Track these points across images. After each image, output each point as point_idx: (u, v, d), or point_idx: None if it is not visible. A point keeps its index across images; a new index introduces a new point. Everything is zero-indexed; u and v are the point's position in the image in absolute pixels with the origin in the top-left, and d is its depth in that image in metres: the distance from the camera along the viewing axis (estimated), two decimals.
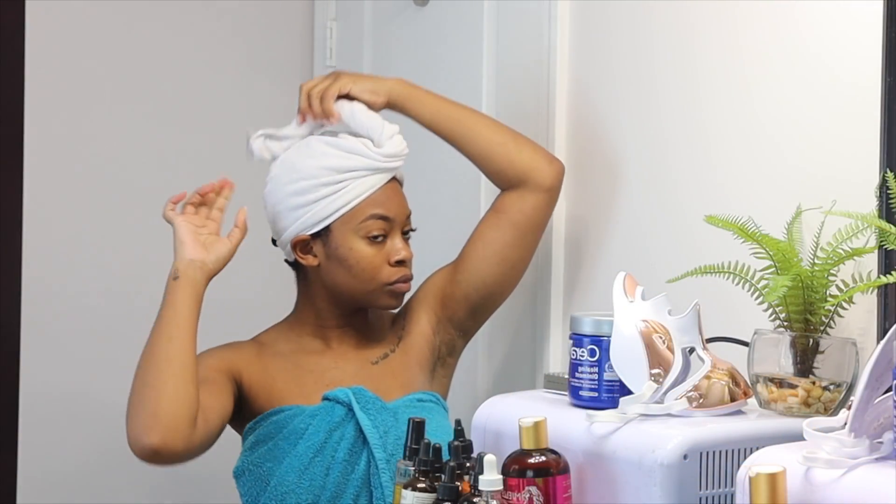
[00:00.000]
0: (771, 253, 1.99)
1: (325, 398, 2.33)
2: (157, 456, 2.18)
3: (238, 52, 3.31)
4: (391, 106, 2.43)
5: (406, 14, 3.01)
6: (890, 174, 1.95)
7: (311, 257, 2.38)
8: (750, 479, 1.54)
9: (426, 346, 2.46)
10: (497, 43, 2.77)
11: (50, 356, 3.08)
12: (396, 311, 2.47)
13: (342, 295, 2.39)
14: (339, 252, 2.35)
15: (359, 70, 3.18)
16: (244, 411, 2.36)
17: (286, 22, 3.35)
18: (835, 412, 1.89)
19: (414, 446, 2.00)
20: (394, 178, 2.40)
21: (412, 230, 2.42)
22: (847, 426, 1.59)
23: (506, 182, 2.44)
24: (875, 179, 2.00)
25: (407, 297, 2.46)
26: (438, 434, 2.16)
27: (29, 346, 3.07)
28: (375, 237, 2.35)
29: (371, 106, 2.40)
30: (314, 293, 2.41)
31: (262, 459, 2.31)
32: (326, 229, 2.35)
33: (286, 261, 2.45)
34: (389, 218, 2.36)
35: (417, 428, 2.03)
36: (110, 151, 3.17)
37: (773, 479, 1.53)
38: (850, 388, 1.91)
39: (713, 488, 1.80)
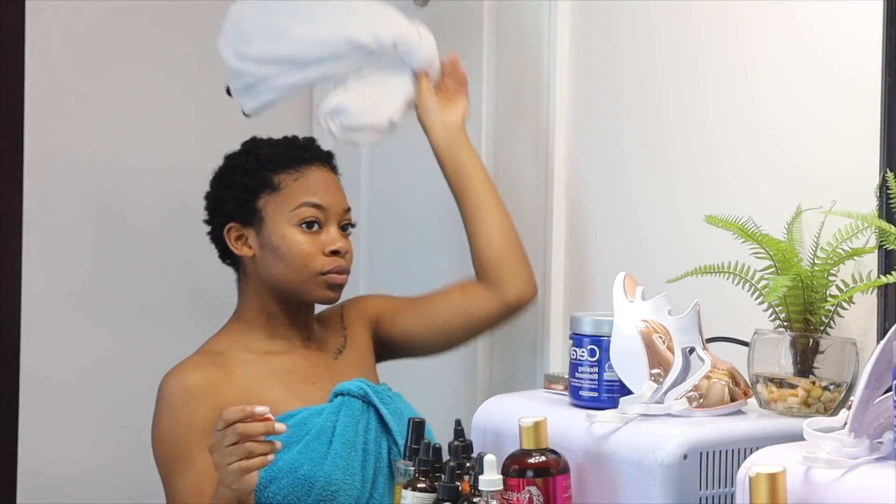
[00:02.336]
0: (771, 253, 1.99)
1: (339, 393, 2.32)
2: None
3: None
4: (450, 137, 2.49)
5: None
6: (890, 174, 1.95)
7: (247, 248, 2.36)
8: (750, 479, 1.54)
9: (368, 345, 2.49)
10: (497, 43, 2.77)
11: (50, 356, 3.08)
12: (332, 305, 2.46)
13: (278, 286, 2.36)
14: (273, 241, 2.34)
15: None
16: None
17: None
18: (835, 412, 1.89)
19: (414, 446, 2.00)
20: (329, 170, 2.41)
21: (352, 225, 2.41)
22: (847, 426, 1.59)
23: (482, 270, 2.46)
24: (875, 179, 2.00)
25: (364, 292, 2.47)
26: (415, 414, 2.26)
27: (29, 345, 3.06)
28: (309, 224, 2.34)
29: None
30: (258, 291, 2.38)
31: (295, 464, 2.25)
32: (260, 218, 2.34)
33: (221, 258, 2.45)
34: (322, 206, 2.35)
35: (417, 428, 2.03)
36: (110, 152, 3.16)
37: (773, 479, 1.53)
38: (850, 388, 1.91)
39: (713, 488, 1.80)
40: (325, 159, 2.42)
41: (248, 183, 2.37)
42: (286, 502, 2.25)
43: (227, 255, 2.43)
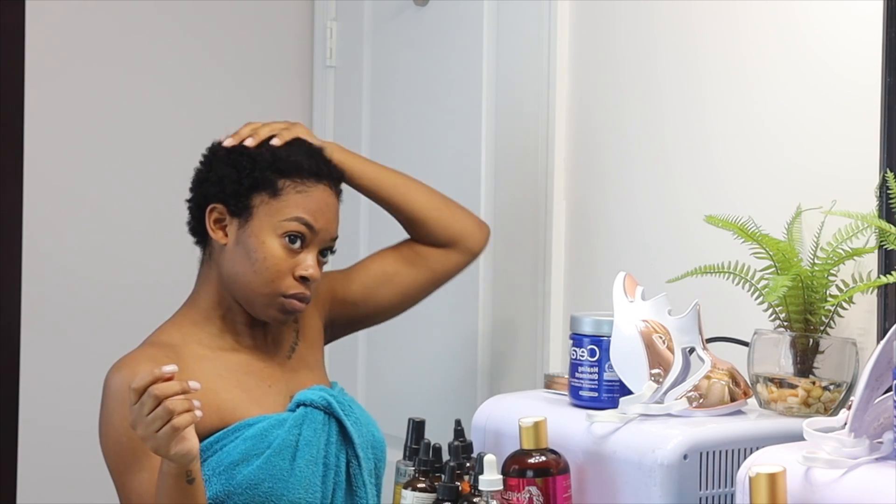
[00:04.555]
0: (771, 253, 1.99)
1: (301, 404, 2.21)
2: None
3: (238, 52, 3.31)
4: None
5: (406, 14, 3.01)
6: (890, 174, 1.95)
7: (222, 234, 2.23)
8: (750, 479, 1.54)
9: (319, 333, 2.38)
10: (497, 43, 2.77)
11: (50, 356, 3.08)
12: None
13: (236, 286, 2.21)
14: (251, 242, 2.20)
15: (359, 71, 3.18)
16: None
17: (286, 22, 3.35)
18: (835, 412, 1.89)
19: (414, 446, 2.00)
20: (334, 194, 2.27)
21: (332, 252, 2.27)
22: (847, 426, 1.59)
23: (435, 243, 2.45)
24: (875, 179, 2.00)
25: None
26: (377, 425, 2.22)
27: (29, 345, 3.06)
28: (293, 239, 2.20)
29: None
30: (220, 280, 2.26)
31: (256, 479, 2.14)
32: (249, 213, 2.21)
33: (191, 231, 2.30)
34: (313, 227, 2.20)
35: (417, 428, 2.03)
36: (110, 151, 3.17)
37: (773, 479, 1.53)
38: (850, 388, 1.91)
39: (713, 488, 1.80)
40: (335, 182, 2.28)
41: (251, 175, 2.23)
42: None
43: (198, 231, 2.29)
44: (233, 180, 2.23)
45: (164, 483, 1.98)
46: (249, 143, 2.26)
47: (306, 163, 2.23)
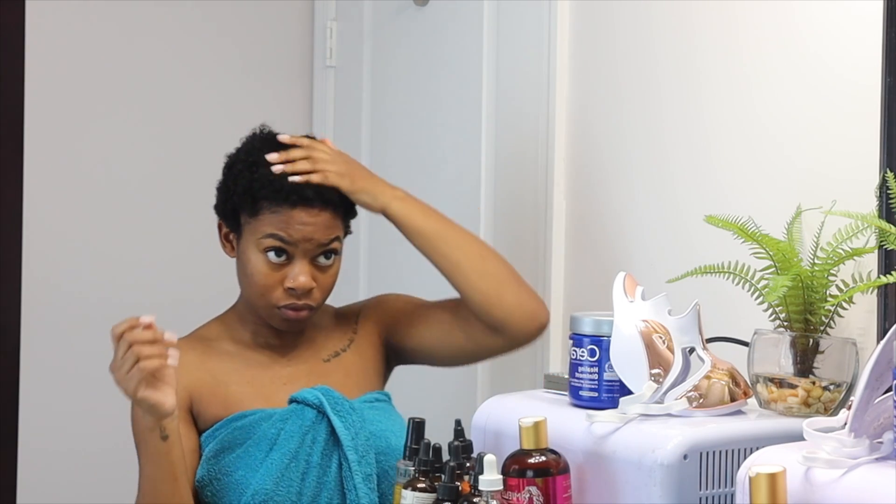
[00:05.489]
0: (771, 253, 1.99)
1: (294, 400, 2.26)
2: None
3: (238, 52, 3.31)
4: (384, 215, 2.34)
5: (406, 14, 3.01)
6: (890, 174, 1.95)
7: (230, 248, 2.32)
8: (750, 479, 1.54)
9: (377, 349, 2.41)
10: (497, 43, 2.77)
11: (50, 356, 3.08)
12: (354, 303, 2.43)
13: (244, 296, 2.33)
14: (243, 257, 2.28)
15: (359, 71, 3.18)
16: (199, 420, 2.27)
17: (286, 22, 3.35)
18: (835, 412, 1.89)
19: (414, 446, 2.00)
20: (315, 209, 2.25)
21: (335, 254, 2.29)
22: (847, 426, 1.59)
23: (480, 321, 2.31)
24: (875, 179, 2.00)
25: (364, 294, 2.41)
26: (400, 434, 2.18)
27: (29, 345, 3.07)
28: (278, 253, 2.24)
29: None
30: None
31: (232, 468, 2.23)
32: (239, 230, 2.28)
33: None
34: (289, 242, 2.24)
35: (417, 428, 2.02)
36: (110, 151, 3.17)
37: (773, 479, 1.53)
38: (850, 388, 1.91)
39: (713, 488, 1.80)
40: (313, 202, 2.26)
41: (236, 195, 2.28)
42: (224, 501, 2.23)
43: None
44: (223, 200, 2.32)
45: (142, 439, 2.14)
46: (300, 168, 2.25)
47: (284, 188, 2.25)
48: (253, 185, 2.26)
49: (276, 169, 2.25)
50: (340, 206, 2.30)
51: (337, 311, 2.44)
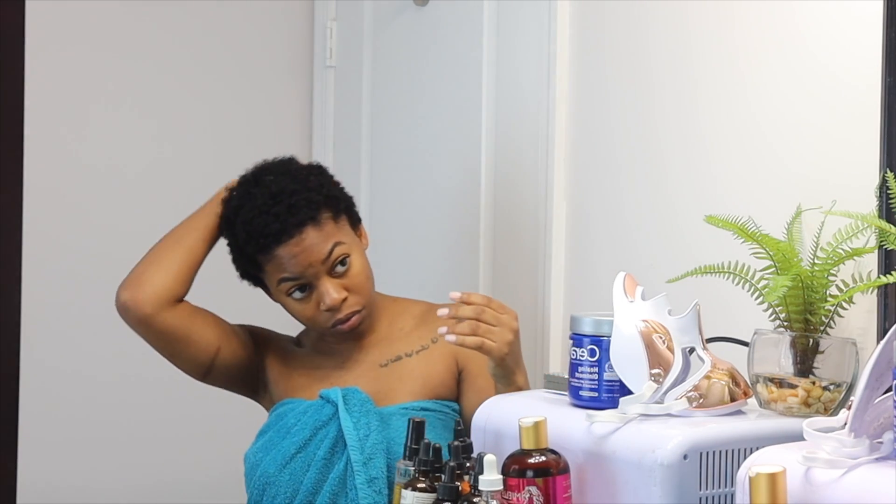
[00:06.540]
0: (771, 253, 1.99)
1: (320, 396, 2.35)
2: (125, 312, 2.39)
3: (238, 52, 3.31)
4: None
5: (406, 14, 3.01)
6: (890, 174, 1.95)
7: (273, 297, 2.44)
8: (750, 479, 1.54)
9: (448, 366, 2.41)
10: (497, 43, 2.77)
11: (50, 356, 3.08)
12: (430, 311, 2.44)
13: None
14: (279, 302, 2.41)
15: (359, 71, 3.18)
16: (268, 397, 2.47)
17: (286, 22, 3.35)
18: (835, 412, 1.89)
19: (414, 446, 2.00)
20: (300, 233, 2.31)
21: (342, 263, 2.33)
22: (847, 426, 1.59)
23: None
24: (875, 179, 2.00)
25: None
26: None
27: (29, 345, 3.07)
28: (301, 288, 2.34)
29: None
30: None
31: (258, 449, 2.37)
32: (261, 282, 2.41)
33: None
34: (297, 277, 2.33)
35: (417, 428, 2.02)
36: (110, 151, 3.17)
37: (773, 479, 1.53)
38: (850, 388, 1.91)
39: (713, 488, 1.80)
40: (290, 233, 2.31)
41: (239, 260, 2.41)
42: (246, 480, 2.39)
43: None
44: (237, 268, 2.43)
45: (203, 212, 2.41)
46: (459, 330, 2.19)
47: (263, 232, 2.32)
48: (242, 245, 2.36)
49: (441, 330, 2.19)
50: (318, 214, 2.33)
51: (429, 309, 2.43)
